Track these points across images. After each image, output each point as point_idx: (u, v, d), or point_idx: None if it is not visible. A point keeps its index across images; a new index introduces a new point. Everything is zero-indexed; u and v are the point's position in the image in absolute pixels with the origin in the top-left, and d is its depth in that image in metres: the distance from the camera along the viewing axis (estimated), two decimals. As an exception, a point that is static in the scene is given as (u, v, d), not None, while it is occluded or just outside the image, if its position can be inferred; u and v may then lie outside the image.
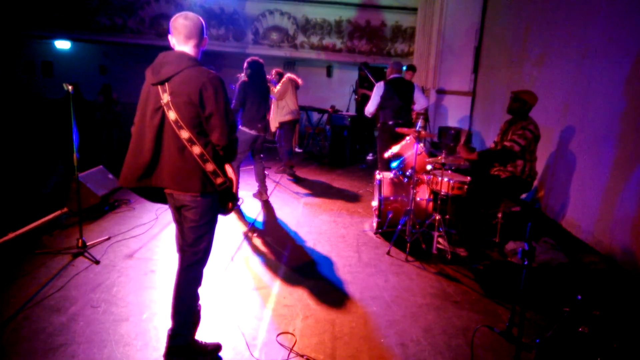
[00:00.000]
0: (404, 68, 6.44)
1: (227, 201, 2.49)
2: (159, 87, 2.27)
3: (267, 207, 5.53)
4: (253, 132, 5.37)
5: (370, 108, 5.82)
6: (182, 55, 2.31)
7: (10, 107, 12.46)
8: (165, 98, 2.25)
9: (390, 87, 5.71)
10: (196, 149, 2.26)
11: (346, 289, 3.53)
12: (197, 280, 2.51)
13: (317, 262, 3.99)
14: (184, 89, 2.23)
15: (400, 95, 5.73)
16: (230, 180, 2.40)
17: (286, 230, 4.75)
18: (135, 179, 2.32)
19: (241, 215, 5.14)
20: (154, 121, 2.28)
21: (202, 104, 2.24)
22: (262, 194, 5.75)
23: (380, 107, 5.77)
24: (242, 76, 5.42)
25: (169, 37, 2.38)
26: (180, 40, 2.33)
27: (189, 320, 2.51)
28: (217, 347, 2.63)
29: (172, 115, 2.24)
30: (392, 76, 5.84)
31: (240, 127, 5.34)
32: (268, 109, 6.33)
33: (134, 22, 10.73)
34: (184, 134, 2.25)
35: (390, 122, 5.70)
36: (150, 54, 2.28)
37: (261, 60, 5.45)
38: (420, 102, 5.98)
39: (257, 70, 5.38)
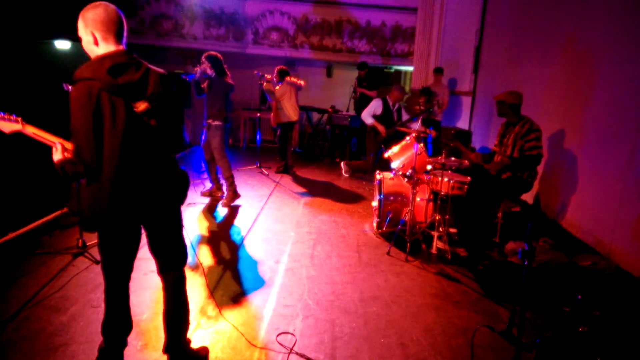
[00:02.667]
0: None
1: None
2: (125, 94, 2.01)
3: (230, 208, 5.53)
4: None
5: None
6: (130, 53, 2.07)
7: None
8: (141, 105, 2.03)
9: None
10: (171, 154, 2.25)
11: (346, 289, 3.53)
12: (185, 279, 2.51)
13: (317, 262, 3.99)
14: (161, 93, 2.09)
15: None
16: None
17: (286, 231, 4.74)
18: (125, 213, 2.15)
19: (240, 215, 5.14)
20: (119, 133, 1.99)
21: (173, 107, 2.16)
22: (215, 191, 5.75)
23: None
24: (199, 70, 5.23)
25: (85, 30, 2.03)
26: (108, 35, 2.02)
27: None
28: (205, 350, 2.60)
29: (154, 123, 2.08)
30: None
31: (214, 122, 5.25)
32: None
33: (134, 22, 10.69)
34: (161, 141, 2.17)
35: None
36: (150, 54, 2.23)
37: (220, 56, 5.33)
38: None
39: (221, 66, 5.28)
